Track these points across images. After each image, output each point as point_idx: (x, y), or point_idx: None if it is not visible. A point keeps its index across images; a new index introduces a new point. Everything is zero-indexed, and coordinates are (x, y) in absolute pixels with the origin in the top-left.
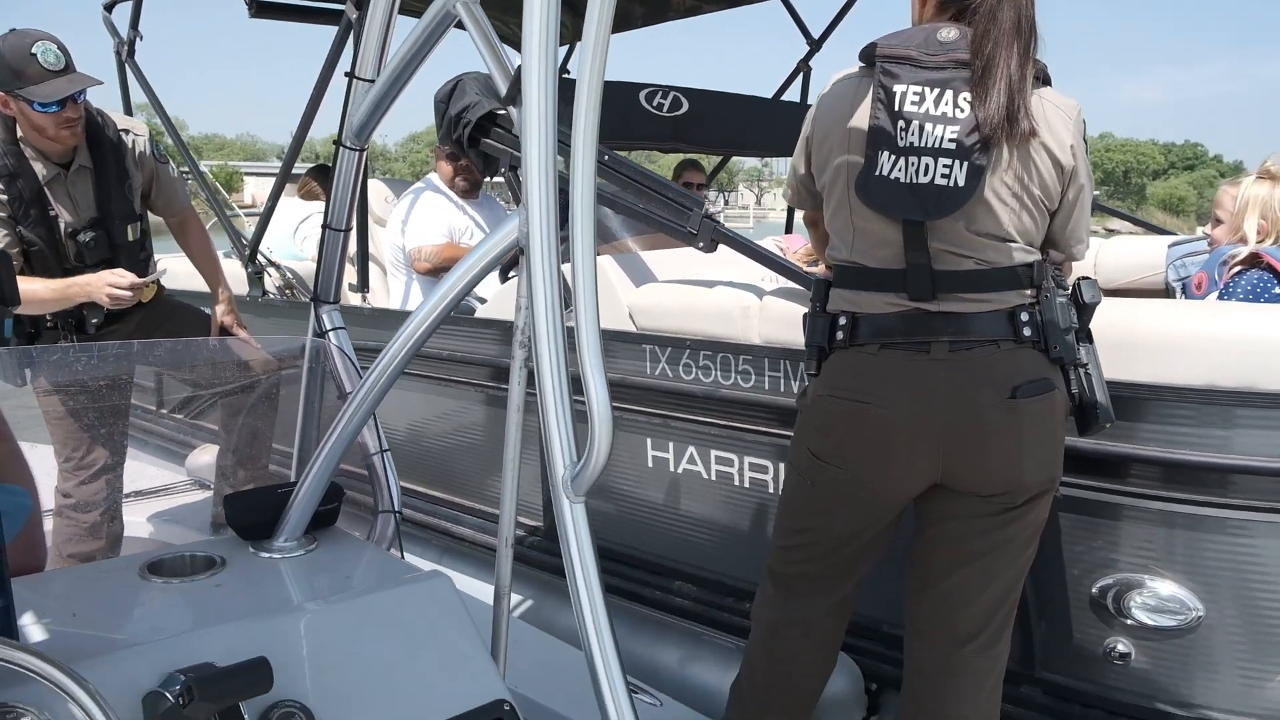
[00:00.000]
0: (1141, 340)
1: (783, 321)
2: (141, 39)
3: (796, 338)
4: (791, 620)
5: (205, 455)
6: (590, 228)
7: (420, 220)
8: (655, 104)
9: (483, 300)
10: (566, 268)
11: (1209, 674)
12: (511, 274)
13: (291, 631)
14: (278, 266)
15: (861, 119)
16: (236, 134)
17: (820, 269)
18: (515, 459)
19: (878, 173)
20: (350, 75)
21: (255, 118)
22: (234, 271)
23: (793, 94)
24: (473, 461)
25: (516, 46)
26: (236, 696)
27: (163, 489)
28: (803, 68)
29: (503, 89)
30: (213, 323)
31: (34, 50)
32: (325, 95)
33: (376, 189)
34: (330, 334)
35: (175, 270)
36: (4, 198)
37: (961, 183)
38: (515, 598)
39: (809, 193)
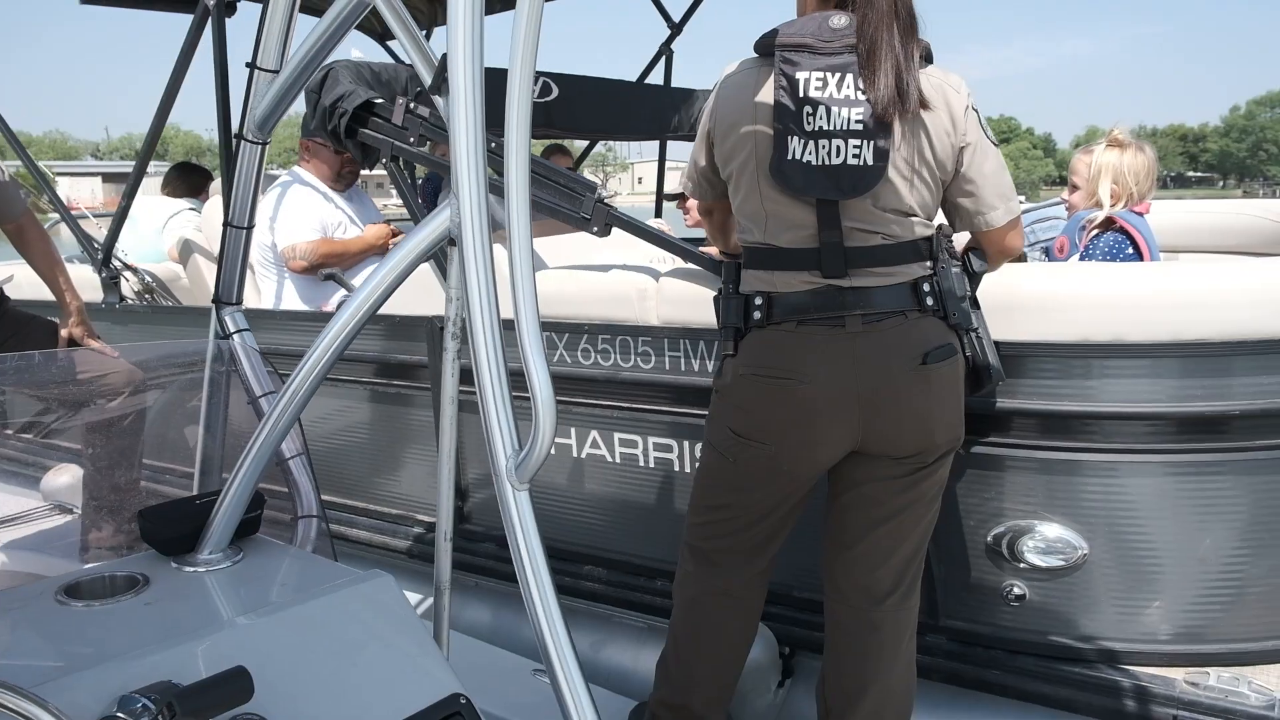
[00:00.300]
0: (1023, 302)
1: (680, 302)
2: None
3: (695, 318)
4: (714, 592)
5: (63, 476)
6: (526, 215)
7: (291, 216)
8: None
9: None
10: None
11: (1095, 607)
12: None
13: (241, 643)
14: (135, 270)
15: (765, 107)
16: (44, 130)
17: (713, 253)
18: (450, 451)
19: (789, 157)
20: (252, 66)
21: (64, 113)
22: (85, 277)
23: (655, 77)
24: (365, 463)
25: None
26: (221, 708)
27: (18, 516)
28: (664, 51)
29: (426, 77)
30: (60, 335)
31: None
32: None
33: None
34: (235, 336)
35: (21, 279)
36: None
37: (870, 161)
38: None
39: (709, 183)
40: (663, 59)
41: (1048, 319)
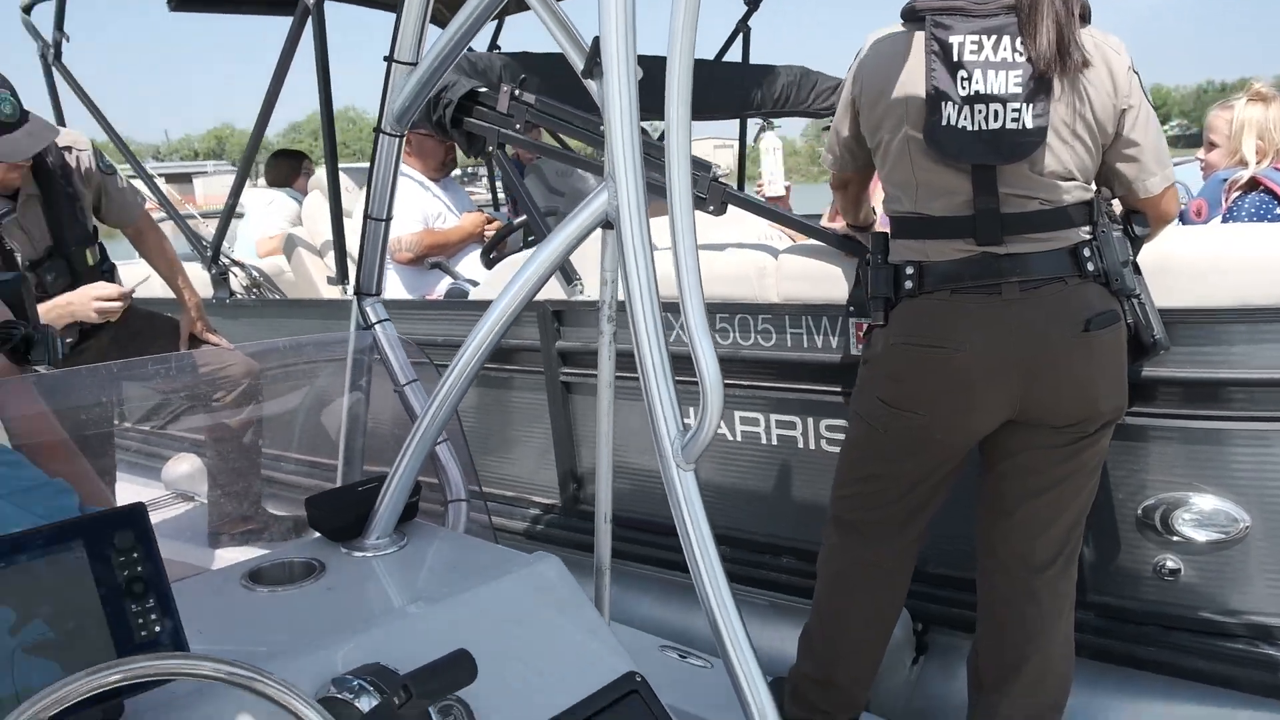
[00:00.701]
0: (1177, 267)
1: (801, 278)
2: (68, 40)
3: (816, 294)
4: (864, 564)
5: (183, 465)
6: (687, 191)
7: (395, 208)
8: None
9: (474, 283)
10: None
11: (1254, 581)
12: (493, 255)
13: (427, 627)
14: (243, 265)
15: (916, 74)
16: (90, 136)
17: (839, 225)
18: (608, 433)
19: (944, 123)
20: (389, 59)
21: (124, 117)
22: (195, 274)
23: (732, 55)
24: (477, 447)
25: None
26: (450, 689)
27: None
28: (742, 28)
29: (577, 62)
30: (182, 333)
31: None
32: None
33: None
34: (378, 326)
35: (155, 281)
36: None
37: (1030, 125)
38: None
39: (851, 154)
40: (740, 35)
41: (1203, 283)
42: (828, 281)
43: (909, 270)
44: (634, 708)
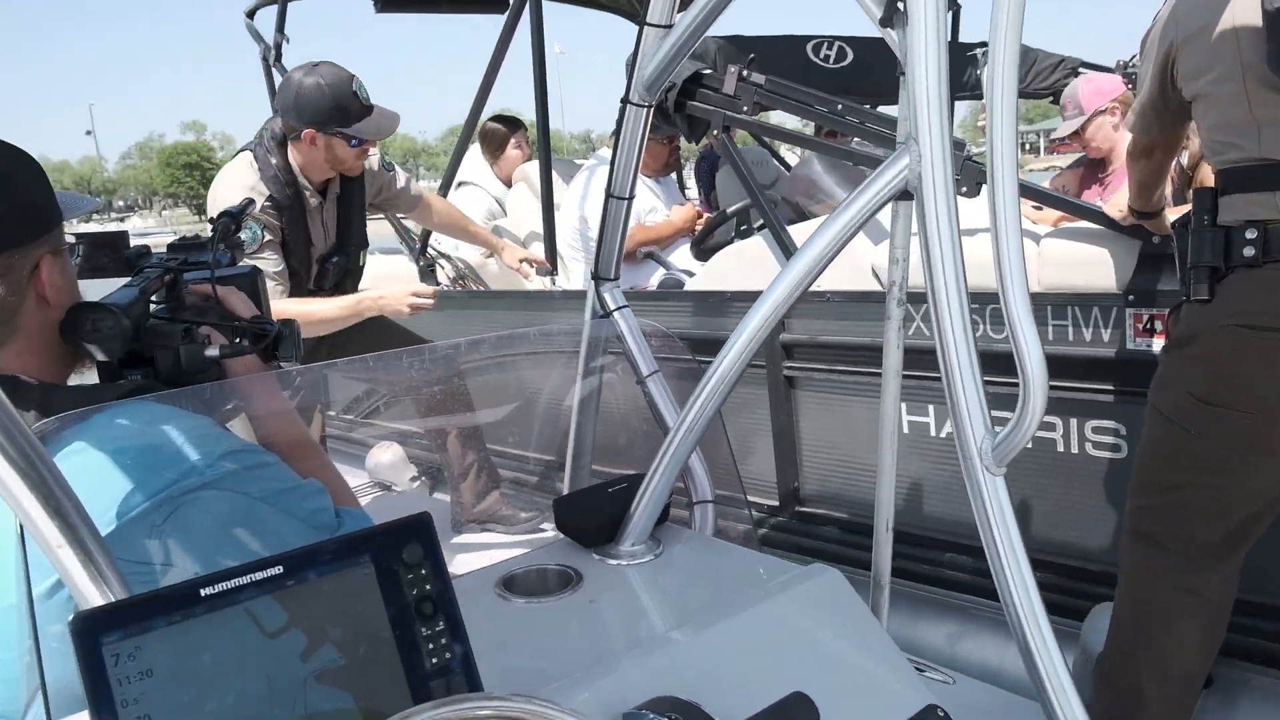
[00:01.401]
0: None
1: (1067, 264)
2: (288, 42)
3: (1083, 281)
4: (1176, 593)
5: (385, 453)
6: (1012, 161)
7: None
8: (822, 56)
9: (689, 274)
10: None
11: None
12: (707, 245)
13: (710, 652)
14: (449, 258)
15: (1245, 3)
16: None
17: (1122, 214)
18: (894, 432)
19: None
20: (641, 22)
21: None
22: (403, 267)
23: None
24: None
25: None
26: None
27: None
28: (952, 5)
29: (873, 9)
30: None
31: (354, 88)
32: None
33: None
34: (617, 314)
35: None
36: (279, 225)
37: None
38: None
39: (1157, 114)
40: (950, 13)
41: None
42: (1098, 268)
43: (1249, 234)
44: None
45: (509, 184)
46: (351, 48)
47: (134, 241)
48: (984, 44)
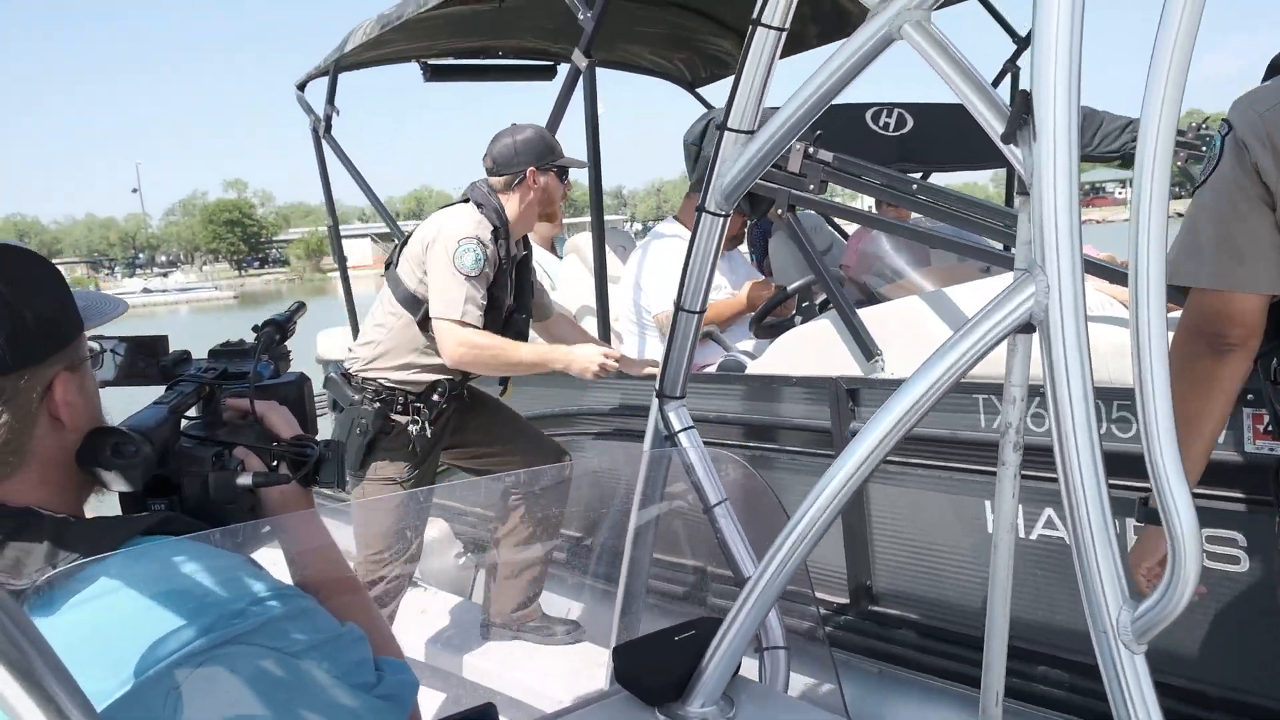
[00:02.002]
0: None
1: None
2: (338, 114)
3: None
4: None
5: (430, 529)
6: (1160, 276)
7: (666, 278)
8: (881, 124)
9: (751, 356)
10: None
11: None
12: (767, 322)
13: None
14: None
15: None
16: (320, 201)
17: None
18: (1006, 586)
19: None
20: (722, 127)
21: (335, 182)
22: None
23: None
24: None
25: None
26: None
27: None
28: (1010, 68)
29: (994, 123)
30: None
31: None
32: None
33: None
34: (683, 435)
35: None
36: (491, 274)
37: None
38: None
39: (1244, 257)
40: (1008, 76)
41: None
42: None
43: None
44: None
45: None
46: (402, 113)
47: (176, 293)
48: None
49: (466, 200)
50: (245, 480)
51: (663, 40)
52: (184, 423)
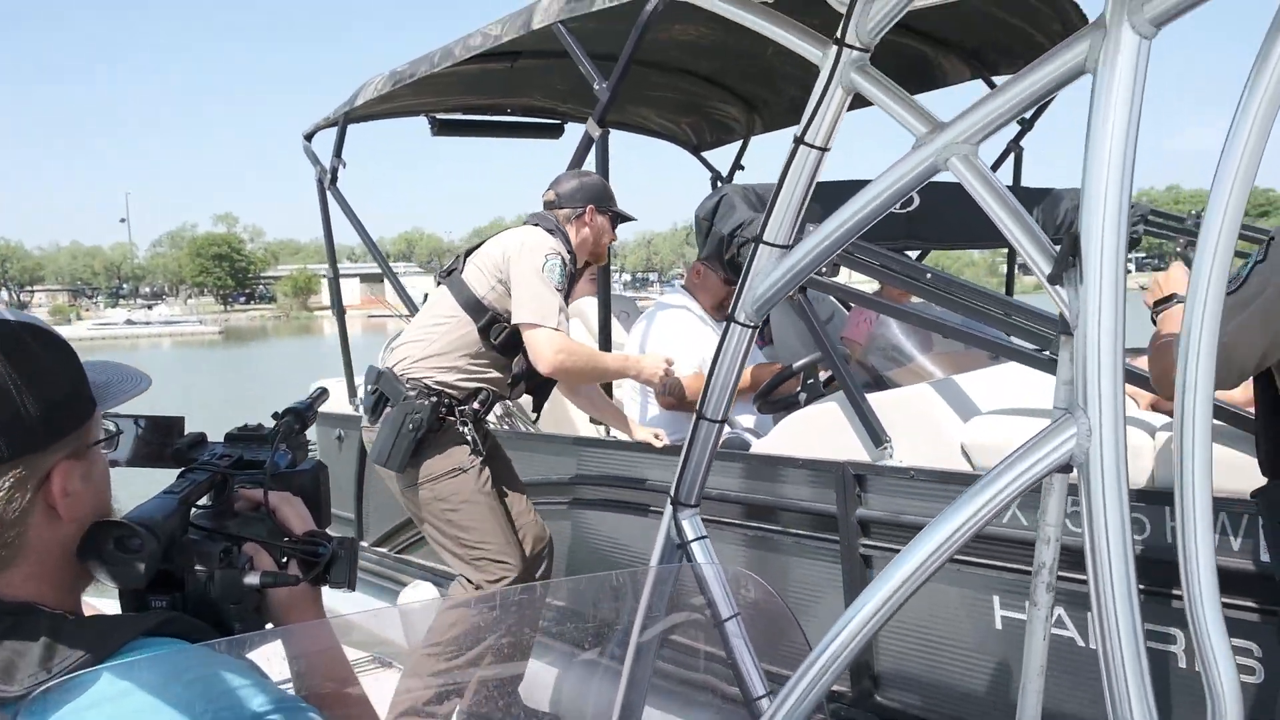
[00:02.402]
0: None
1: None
2: (345, 166)
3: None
4: None
5: (418, 594)
6: (1208, 395)
7: (671, 347)
8: None
9: (755, 434)
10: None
11: None
12: (775, 398)
13: None
14: None
15: None
16: (310, 238)
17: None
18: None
19: None
20: (758, 240)
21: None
22: None
23: (1004, 175)
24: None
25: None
26: None
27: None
28: (1013, 148)
29: (1042, 265)
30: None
31: None
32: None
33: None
34: (695, 545)
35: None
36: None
37: None
38: None
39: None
40: (1012, 156)
41: None
42: (1222, 467)
43: None
44: None
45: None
46: (395, 159)
47: (160, 325)
48: (1047, 189)
49: (535, 225)
50: (253, 580)
51: (671, 104)
52: (193, 510)
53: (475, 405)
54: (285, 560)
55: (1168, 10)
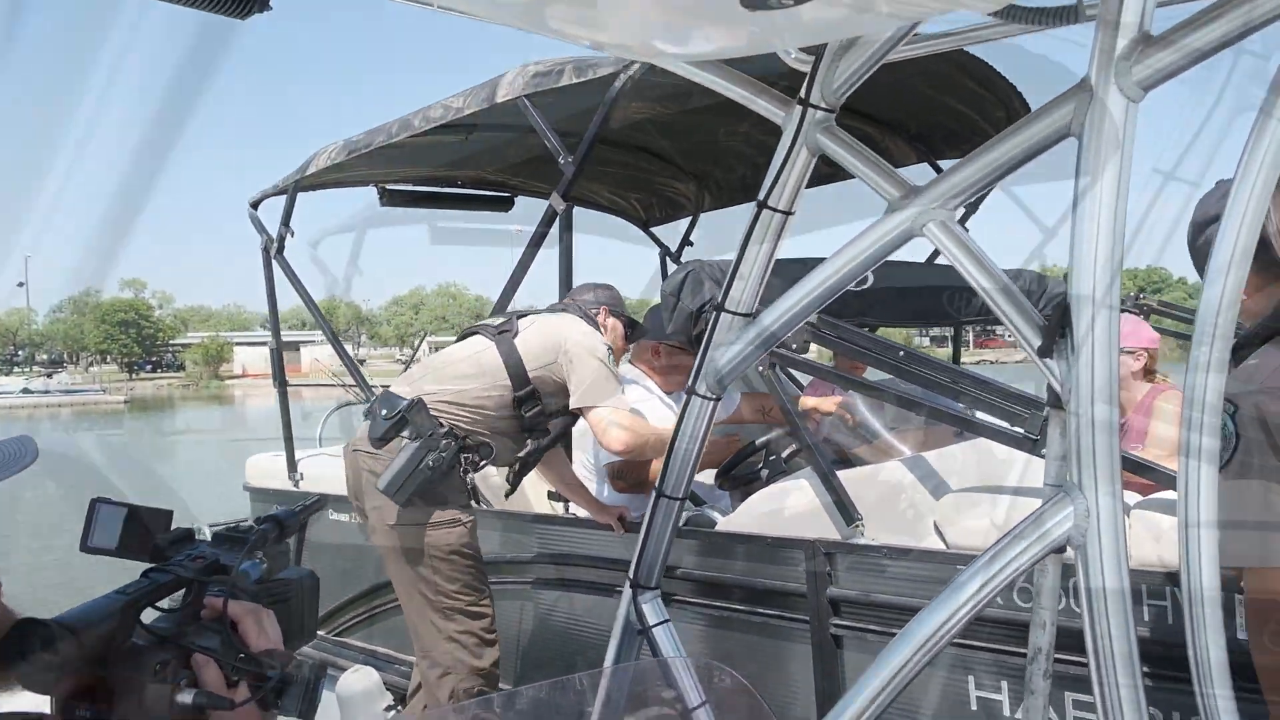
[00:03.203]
0: None
1: (1168, 541)
2: (293, 235)
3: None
4: None
5: (359, 681)
6: (1212, 475)
7: None
8: None
9: (722, 512)
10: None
11: None
12: (736, 471)
13: None
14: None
15: None
16: (222, 304)
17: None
18: None
19: None
20: (718, 309)
21: (241, 287)
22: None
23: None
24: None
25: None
26: None
27: None
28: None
29: (1030, 337)
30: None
31: None
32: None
33: None
34: (657, 630)
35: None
36: None
37: None
38: None
39: None
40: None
41: None
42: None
43: None
44: None
45: None
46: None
47: (59, 394)
48: (1012, 270)
49: (565, 311)
50: (185, 699)
51: (622, 181)
52: (154, 615)
53: (478, 458)
54: (237, 680)
55: (1159, 74)
